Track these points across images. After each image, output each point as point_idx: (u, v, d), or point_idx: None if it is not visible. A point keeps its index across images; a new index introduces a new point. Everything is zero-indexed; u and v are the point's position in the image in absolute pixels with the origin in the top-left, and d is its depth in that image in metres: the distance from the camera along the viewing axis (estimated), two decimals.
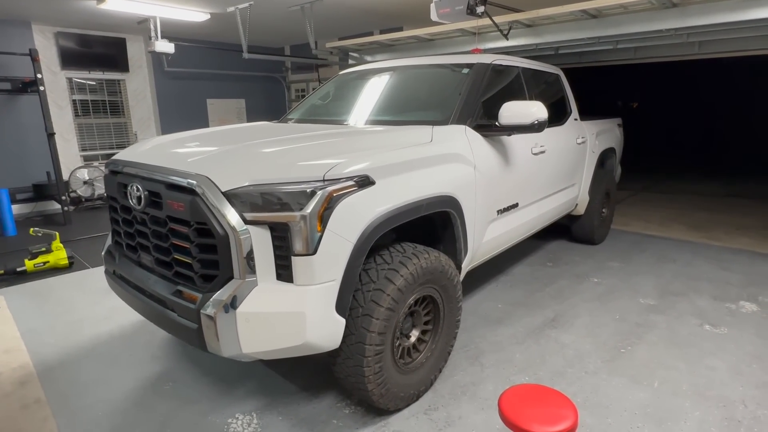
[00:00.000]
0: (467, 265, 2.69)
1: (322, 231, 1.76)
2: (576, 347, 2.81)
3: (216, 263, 1.80)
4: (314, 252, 1.75)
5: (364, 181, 1.90)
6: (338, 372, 2.07)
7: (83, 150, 7.79)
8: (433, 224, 2.52)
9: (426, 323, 2.33)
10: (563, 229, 5.05)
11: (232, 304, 1.75)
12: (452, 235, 2.49)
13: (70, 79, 7.48)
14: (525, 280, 3.91)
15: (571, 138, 3.95)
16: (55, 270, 4.38)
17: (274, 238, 1.78)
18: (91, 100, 7.81)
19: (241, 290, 1.76)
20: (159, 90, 8.52)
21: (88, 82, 7.73)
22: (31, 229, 4.43)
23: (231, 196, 1.76)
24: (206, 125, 9.22)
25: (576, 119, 4.21)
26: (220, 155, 1.97)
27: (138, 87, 8.27)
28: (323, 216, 1.76)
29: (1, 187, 6.46)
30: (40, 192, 6.77)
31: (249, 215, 1.75)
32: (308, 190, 1.75)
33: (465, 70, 3.05)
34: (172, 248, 1.96)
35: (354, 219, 1.84)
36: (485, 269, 4.13)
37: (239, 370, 2.62)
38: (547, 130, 3.49)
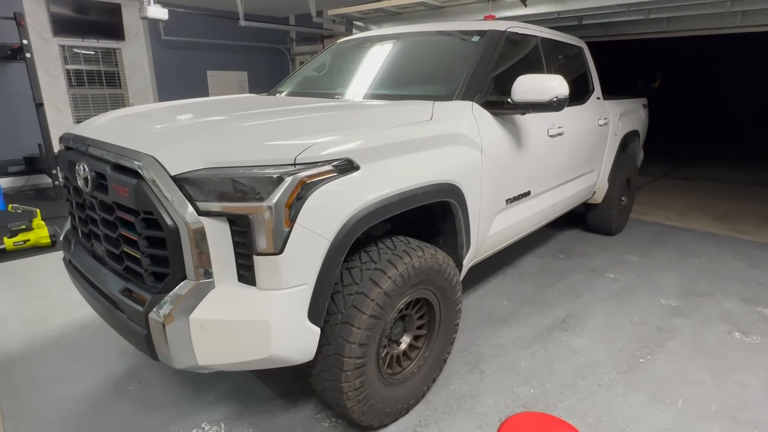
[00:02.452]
0: (470, 261, 2.38)
1: (291, 225, 1.46)
2: (588, 354, 2.52)
3: (167, 260, 1.52)
4: (281, 251, 1.45)
5: (346, 166, 1.58)
6: (315, 384, 1.80)
7: (78, 122, 7.51)
8: (432, 214, 2.21)
9: (419, 327, 2.05)
10: (578, 217, 4.69)
11: (184, 310, 1.47)
12: (453, 227, 2.17)
13: (63, 47, 7.15)
14: (534, 274, 3.59)
15: (593, 119, 3.56)
16: (38, 249, 4.16)
17: (234, 232, 1.48)
18: (86, 70, 7.49)
19: (195, 293, 1.48)
20: (156, 60, 8.16)
21: (82, 51, 7.39)
22: (10, 205, 4.20)
23: (182, 182, 1.45)
24: None
25: (599, 98, 3.81)
26: (175, 132, 1.67)
27: (135, 56, 7.92)
28: (292, 207, 1.45)
29: None
30: (31, 165, 6.54)
31: (203, 205, 1.45)
32: (275, 176, 1.44)
33: (475, 38, 2.67)
34: (121, 240, 1.68)
35: (331, 211, 1.53)
36: (491, 260, 3.82)
37: None
38: (566, 110, 3.11)
